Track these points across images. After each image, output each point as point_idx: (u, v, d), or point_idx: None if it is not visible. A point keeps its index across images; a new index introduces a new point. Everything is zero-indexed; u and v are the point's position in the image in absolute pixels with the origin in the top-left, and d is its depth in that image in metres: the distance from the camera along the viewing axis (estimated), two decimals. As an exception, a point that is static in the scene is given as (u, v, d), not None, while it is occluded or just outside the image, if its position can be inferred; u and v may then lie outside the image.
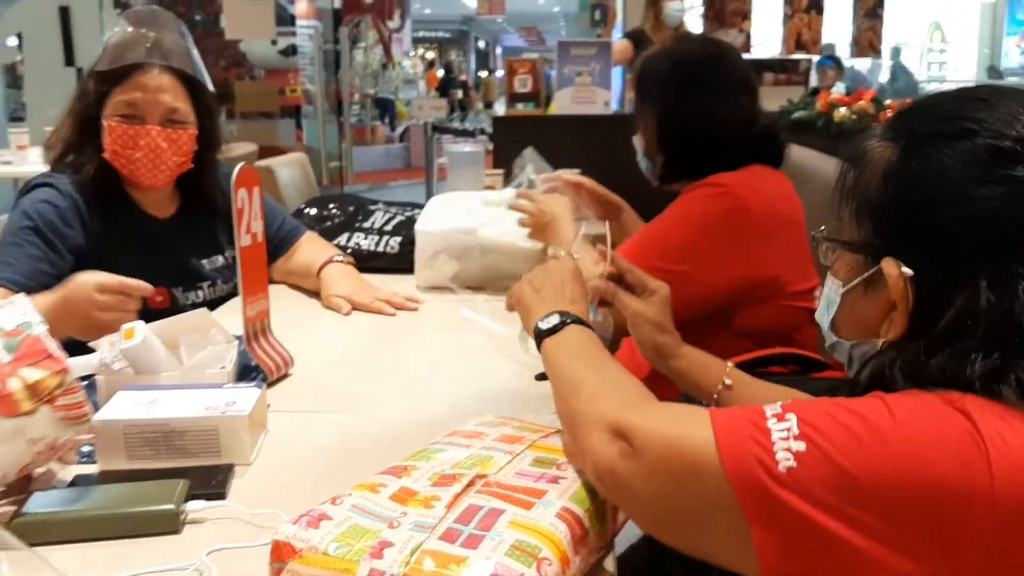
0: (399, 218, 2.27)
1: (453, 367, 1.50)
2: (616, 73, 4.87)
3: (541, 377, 1.32)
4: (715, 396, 1.19)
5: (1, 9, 6.82)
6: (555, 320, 1.06)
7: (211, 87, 1.78)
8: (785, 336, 1.64)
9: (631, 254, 1.60)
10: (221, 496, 0.99)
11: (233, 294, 1.83)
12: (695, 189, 1.69)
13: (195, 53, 1.76)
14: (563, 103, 4.34)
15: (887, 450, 0.68)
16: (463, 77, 17.44)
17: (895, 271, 0.77)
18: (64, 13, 6.25)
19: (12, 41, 6.73)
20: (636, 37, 5.07)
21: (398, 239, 2.17)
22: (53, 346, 0.95)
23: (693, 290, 1.57)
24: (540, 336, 1.07)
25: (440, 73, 17.14)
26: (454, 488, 0.81)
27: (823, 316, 0.92)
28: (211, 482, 1.00)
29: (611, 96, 4.41)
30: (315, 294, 1.90)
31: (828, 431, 0.70)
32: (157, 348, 1.23)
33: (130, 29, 1.69)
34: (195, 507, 0.94)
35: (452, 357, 1.56)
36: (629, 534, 1.00)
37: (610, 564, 0.88)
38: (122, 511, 0.91)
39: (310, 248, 2.00)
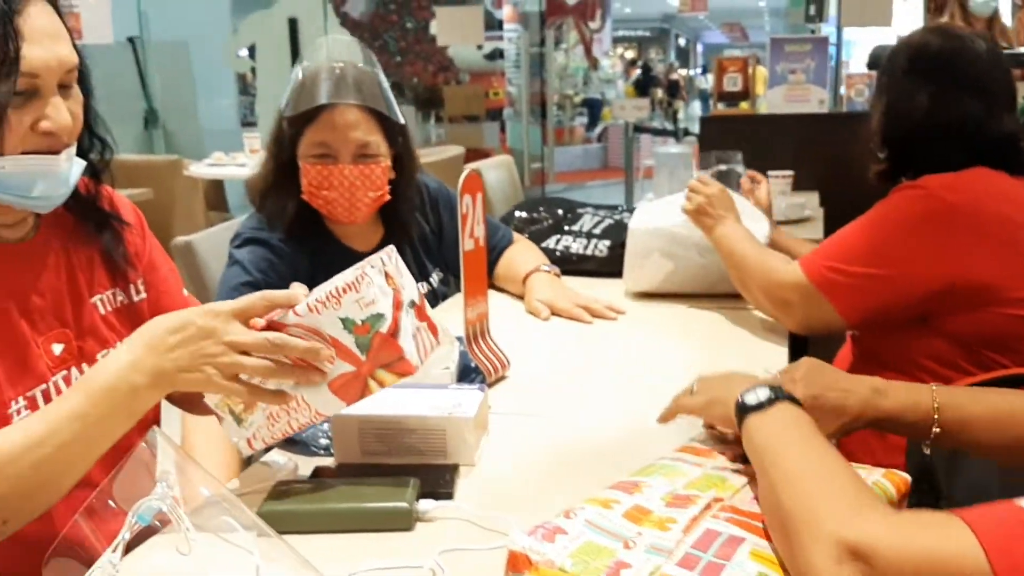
0: (608, 221, 2.26)
1: (667, 373, 1.48)
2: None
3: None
4: (933, 428, 1.03)
5: (236, 22, 7.39)
6: (764, 394, 0.91)
7: (400, 119, 1.72)
8: (1008, 347, 1.51)
9: (825, 256, 1.56)
10: (449, 496, 1.01)
11: None
12: (900, 191, 1.58)
13: (382, 80, 1.72)
14: (774, 102, 4.20)
15: None
16: (673, 76, 17.17)
17: None
18: (293, 24, 6.67)
19: (243, 52, 7.26)
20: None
21: (607, 242, 2.17)
22: (408, 345, 1.00)
23: (894, 294, 1.51)
24: (744, 411, 0.92)
25: (636, 72, 16.96)
26: (690, 511, 0.79)
27: None
28: (439, 482, 1.03)
29: (826, 94, 4.21)
30: (522, 298, 1.92)
31: None
32: (386, 348, 1.28)
33: (313, 67, 1.68)
34: (426, 506, 0.97)
35: (666, 363, 1.53)
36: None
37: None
38: (359, 506, 0.95)
39: (519, 255, 2.02)
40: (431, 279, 1.91)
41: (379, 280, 0.98)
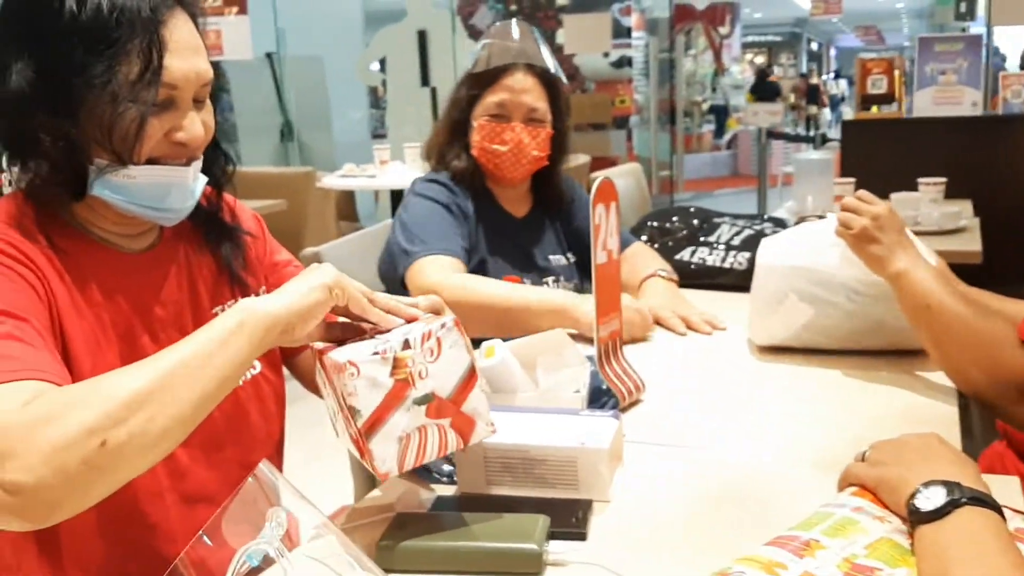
0: (747, 232, 2.13)
1: (816, 408, 1.35)
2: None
3: None
4: None
5: (368, 37, 7.52)
6: (940, 497, 0.76)
7: (565, 80, 1.91)
8: None
9: None
10: (582, 537, 0.93)
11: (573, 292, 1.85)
12: None
13: (551, 55, 1.90)
14: (922, 104, 3.94)
15: None
16: (814, 80, 16.57)
17: None
18: (422, 37, 6.74)
19: (374, 66, 7.38)
20: None
21: (746, 255, 2.04)
22: (382, 449, 0.90)
23: None
24: (918, 519, 0.77)
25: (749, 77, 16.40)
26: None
27: None
28: (571, 520, 0.94)
29: (980, 96, 3.93)
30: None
31: None
32: (514, 367, 1.20)
33: (497, 40, 1.87)
34: (557, 548, 0.88)
35: (819, 397, 1.40)
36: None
37: None
38: (485, 546, 0.87)
39: (637, 260, 1.97)
40: (567, 255, 1.98)
41: (373, 370, 0.87)
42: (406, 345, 0.88)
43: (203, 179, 1.09)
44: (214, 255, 1.17)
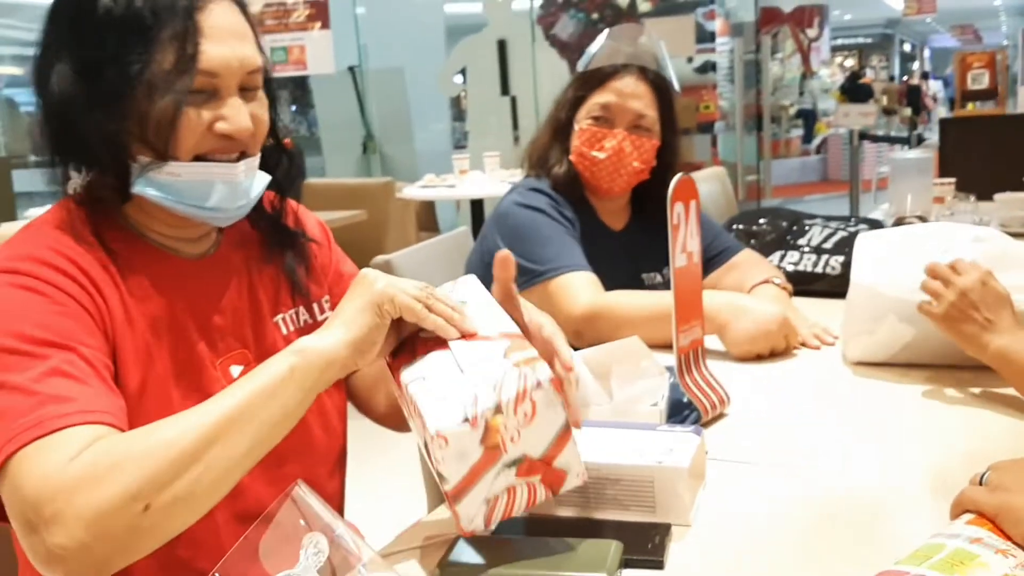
0: (840, 234, 2.01)
1: (921, 424, 1.23)
2: None
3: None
4: None
5: (450, 48, 7.53)
6: None
7: (677, 88, 1.81)
8: None
9: None
10: (659, 565, 0.84)
11: None
12: None
13: (667, 61, 1.80)
14: (1028, 100, 3.73)
15: None
16: (914, 81, 16.02)
17: None
18: (502, 46, 6.71)
19: (457, 78, 7.39)
20: None
21: (840, 258, 1.92)
22: (468, 509, 0.82)
23: None
24: None
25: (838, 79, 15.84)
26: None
27: None
28: (646, 546, 0.85)
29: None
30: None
31: None
32: (587, 378, 1.12)
33: (611, 41, 1.78)
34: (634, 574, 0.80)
35: (923, 412, 1.28)
36: None
37: None
38: (551, 574, 0.79)
39: (748, 267, 1.83)
40: (663, 272, 1.85)
41: (463, 442, 0.78)
42: (498, 410, 0.79)
43: (263, 179, 1.04)
44: (276, 262, 1.12)
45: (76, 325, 0.88)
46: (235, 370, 1.03)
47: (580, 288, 1.60)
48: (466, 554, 0.83)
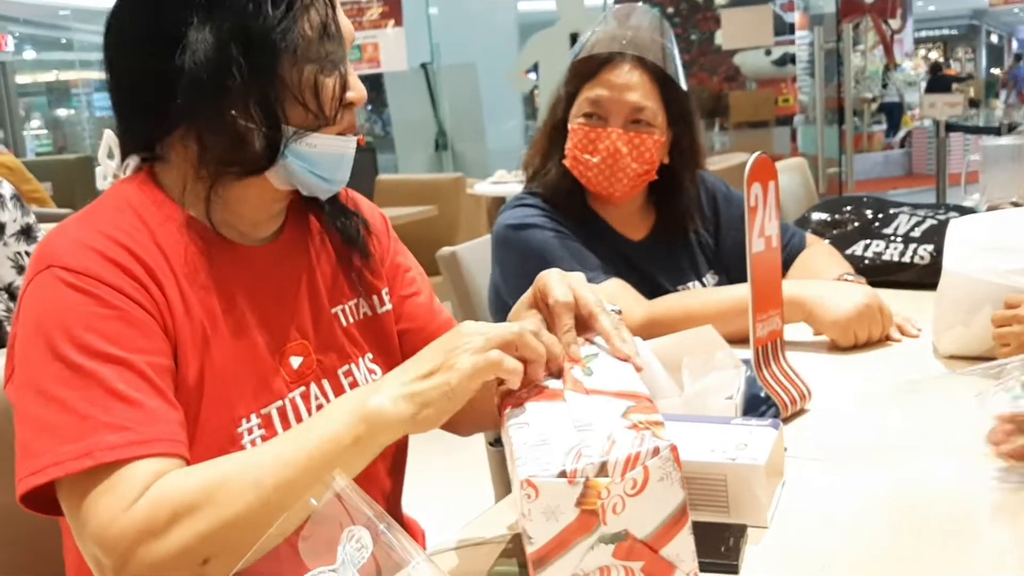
0: (929, 222, 1.90)
1: None
2: None
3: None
4: None
5: (522, 44, 7.50)
6: None
7: (684, 85, 1.59)
8: None
9: None
10: (733, 570, 0.77)
11: None
12: None
13: (674, 52, 1.59)
14: None
15: None
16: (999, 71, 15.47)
17: None
18: (574, 40, 6.65)
19: (532, 75, 7.35)
20: None
21: (929, 247, 1.81)
22: None
23: None
24: None
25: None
26: None
27: None
28: (720, 548, 0.79)
29: None
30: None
31: None
32: (657, 369, 1.06)
33: (608, 26, 1.58)
34: (702, 584, 0.74)
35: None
36: None
37: None
38: (613, 578, 0.73)
39: (818, 259, 1.72)
40: (704, 279, 1.70)
41: (556, 498, 0.67)
42: (602, 471, 0.67)
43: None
44: (336, 251, 1.08)
45: (132, 330, 0.85)
46: (295, 361, 0.99)
47: (623, 299, 1.47)
48: (521, 556, 0.78)
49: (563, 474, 0.67)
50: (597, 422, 0.72)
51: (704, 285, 1.69)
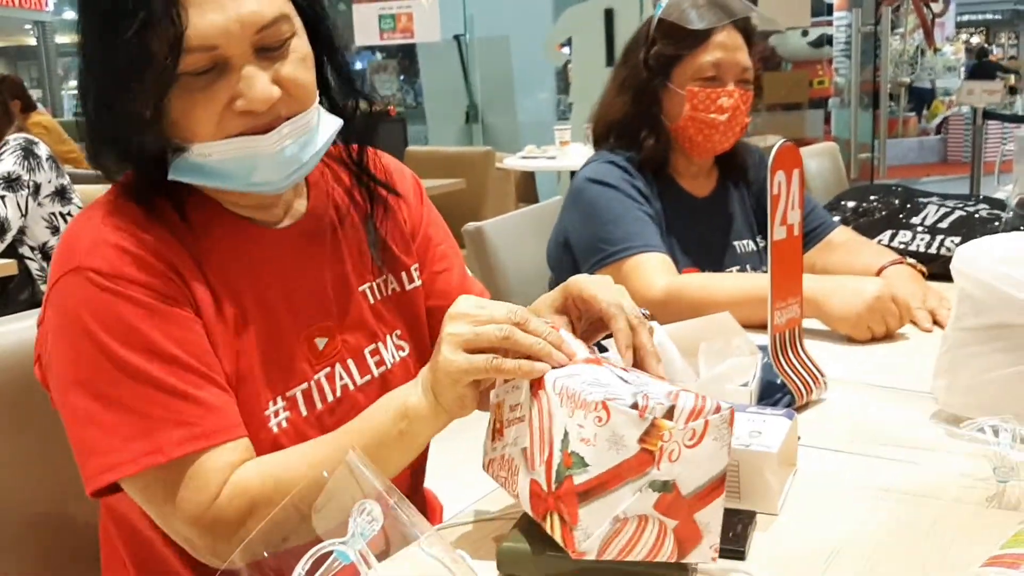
0: (959, 213, 1.88)
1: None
2: None
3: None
4: None
5: (556, 17, 7.45)
6: None
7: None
8: None
9: None
10: (740, 556, 0.78)
11: None
12: None
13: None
14: None
15: None
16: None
17: None
18: (608, 15, 6.59)
19: (565, 49, 7.30)
20: None
21: (956, 239, 1.79)
22: (589, 521, 0.70)
23: None
24: None
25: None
26: None
27: None
28: (728, 534, 0.80)
29: None
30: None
31: None
32: (673, 354, 1.07)
33: None
34: (708, 566, 0.75)
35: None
36: None
37: None
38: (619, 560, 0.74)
39: (857, 247, 1.73)
40: (757, 239, 1.77)
41: (624, 426, 0.69)
42: (669, 414, 0.69)
43: (331, 126, 0.94)
44: (364, 226, 1.06)
45: (169, 325, 0.86)
46: (320, 342, 0.99)
47: (653, 271, 1.52)
48: (530, 533, 0.79)
49: (635, 406, 0.69)
50: (650, 383, 0.74)
51: (756, 246, 1.76)
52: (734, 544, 0.79)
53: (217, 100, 0.84)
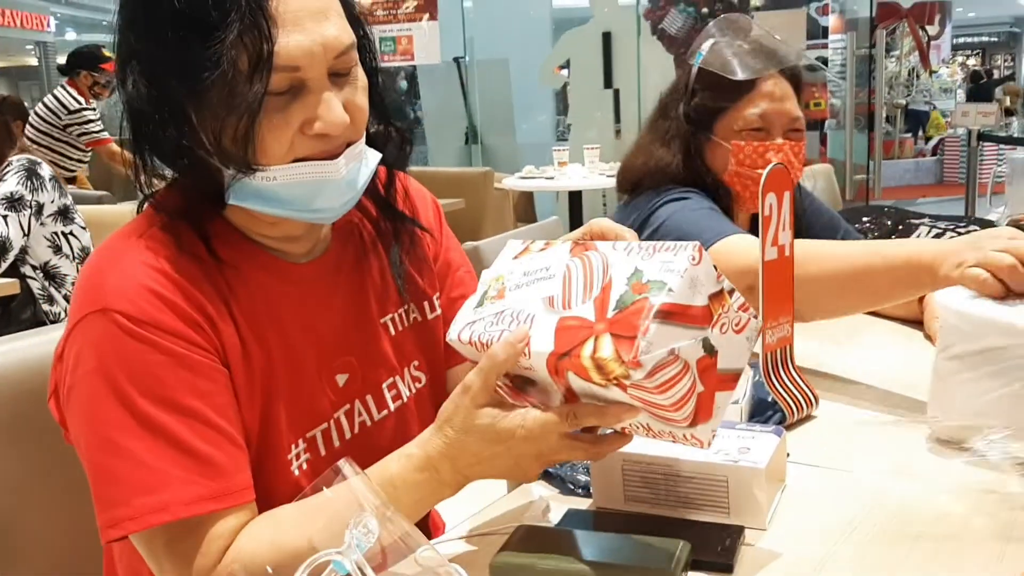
0: (950, 235, 1.89)
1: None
2: None
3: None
4: None
5: (555, 40, 7.51)
6: None
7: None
8: None
9: None
10: (728, 569, 0.80)
11: None
12: None
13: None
14: None
15: None
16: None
17: None
18: (606, 39, 6.65)
19: (564, 72, 7.37)
20: None
21: (948, 261, 1.81)
22: (655, 330, 0.72)
23: None
24: None
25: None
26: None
27: None
28: (717, 548, 0.82)
29: None
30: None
31: None
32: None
33: (724, 39, 1.56)
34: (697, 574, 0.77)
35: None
36: None
37: None
38: (612, 571, 0.76)
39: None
40: None
41: (702, 276, 0.75)
42: (730, 292, 0.78)
43: (374, 156, 0.93)
44: (386, 252, 1.05)
45: (195, 376, 0.84)
46: (340, 379, 0.98)
47: (749, 247, 1.37)
48: (523, 546, 0.81)
49: (714, 268, 0.77)
50: None
51: None
52: (723, 558, 0.81)
53: (292, 123, 0.83)
